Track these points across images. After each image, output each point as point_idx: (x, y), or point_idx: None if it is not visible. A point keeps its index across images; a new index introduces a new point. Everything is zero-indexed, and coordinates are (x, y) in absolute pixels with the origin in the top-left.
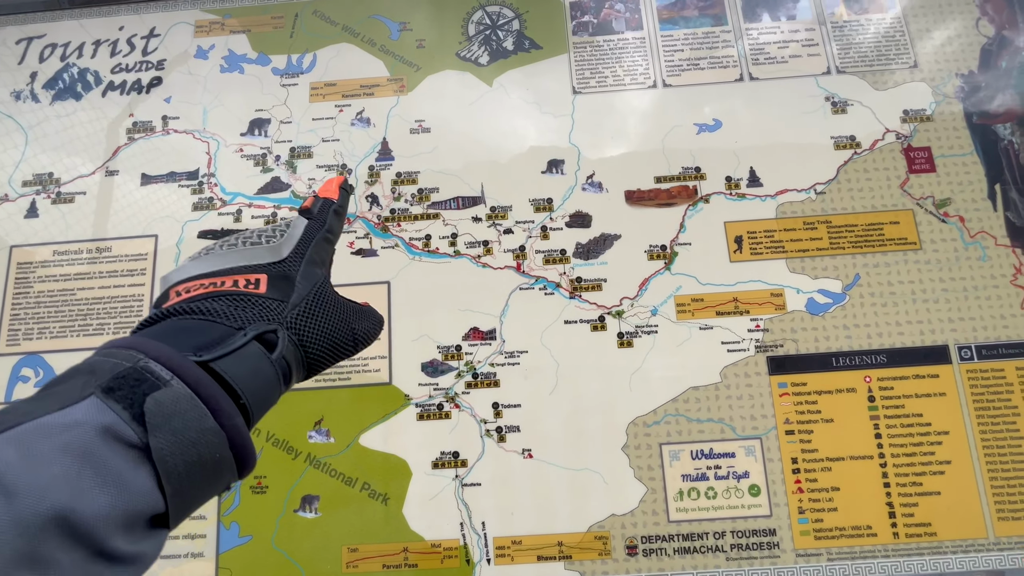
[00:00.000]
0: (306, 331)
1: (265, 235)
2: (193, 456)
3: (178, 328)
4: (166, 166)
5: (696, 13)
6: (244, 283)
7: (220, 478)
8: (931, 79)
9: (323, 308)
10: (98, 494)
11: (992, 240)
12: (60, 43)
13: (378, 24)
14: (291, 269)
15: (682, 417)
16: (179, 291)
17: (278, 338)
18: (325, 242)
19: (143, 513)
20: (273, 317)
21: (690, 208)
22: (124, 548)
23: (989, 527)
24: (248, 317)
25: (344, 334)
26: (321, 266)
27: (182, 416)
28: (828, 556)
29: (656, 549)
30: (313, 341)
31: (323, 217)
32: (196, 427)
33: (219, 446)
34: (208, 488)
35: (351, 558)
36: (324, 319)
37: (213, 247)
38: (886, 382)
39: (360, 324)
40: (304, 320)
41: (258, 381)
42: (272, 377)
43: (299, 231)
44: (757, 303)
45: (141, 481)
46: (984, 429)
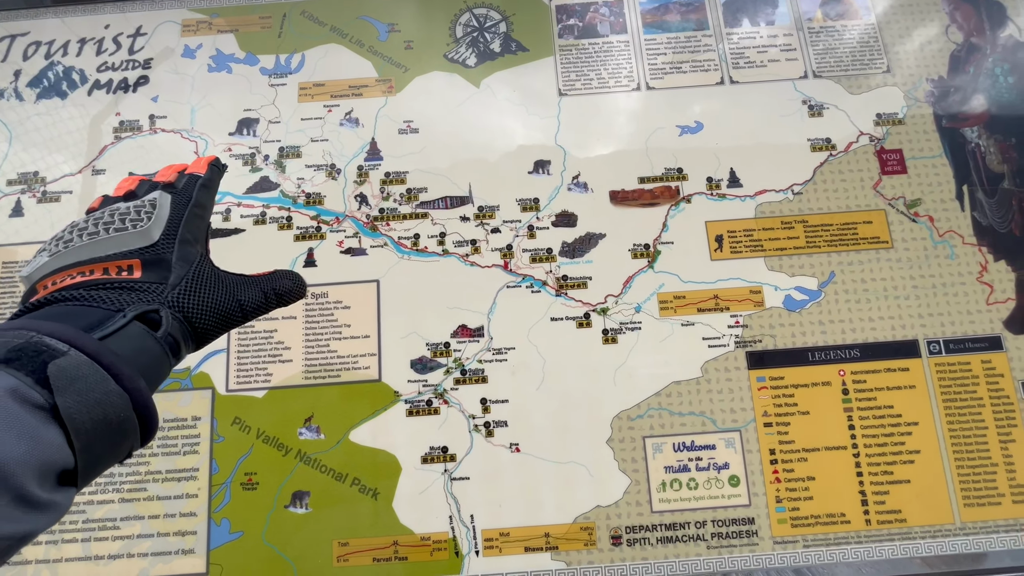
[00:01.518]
0: (190, 308)
1: (129, 219)
2: (99, 415)
3: (58, 313)
4: (153, 165)
5: (679, 18)
6: (116, 270)
7: (125, 439)
8: (903, 84)
9: (204, 285)
10: (16, 443)
11: (960, 239)
12: (44, 41)
13: (366, 25)
14: (165, 251)
15: (665, 411)
16: (46, 284)
17: (161, 317)
18: (196, 218)
19: (55, 465)
20: (153, 299)
21: (672, 208)
22: (41, 496)
23: (956, 513)
24: (126, 300)
25: (230, 306)
26: (195, 243)
27: (85, 379)
28: (804, 543)
29: (640, 539)
30: (199, 316)
31: (189, 192)
32: (100, 389)
33: (123, 407)
34: (114, 448)
35: (342, 552)
36: (207, 294)
37: (70, 238)
38: (859, 375)
39: (246, 294)
40: (186, 298)
41: (144, 358)
42: (159, 353)
43: (166, 211)
44: (737, 300)
45: (52, 436)
46: (951, 420)
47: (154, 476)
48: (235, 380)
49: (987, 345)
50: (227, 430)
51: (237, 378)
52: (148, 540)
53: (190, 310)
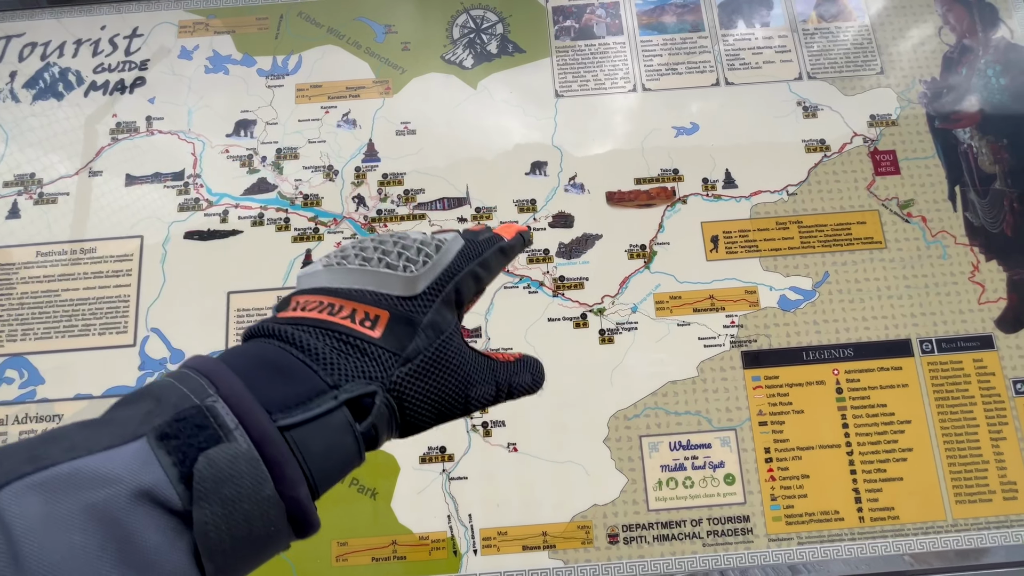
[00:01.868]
0: (411, 393)
1: (406, 256)
2: (244, 531)
3: (266, 361)
4: (151, 167)
5: (675, 19)
6: (361, 317)
7: (267, 552)
8: (896, 85)
9: (440, 369)
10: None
11: (952, 239)
12: (40, 42)
13: (363, 26)
14: (419, 312)
15: (661, 410)
16: (299, 302)
17: (373, 404)
18: (472, 278)
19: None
20: (377, 375)
21: (668, 209)
22: None
23: (948, 510)
24: (348, 372)
25: (456, 399)
26: (457, 308)
27: (236, 482)
28: (798, 540)
29: (636, 537)
30: (416, 405)
31: (482, 248)
32: (251, 497)
33: (276, 519)
34: (252, 564)
35: (340, 552)
36: (438, 382)
37: (348, 254)
38: (853, 375)
39: (478, 388)
40: (413, 381)
41: (334, 456)
42: (351, 451)
43: (448, 258)
44: (732, 300)
45: (176, 559)
46: (943, 418)
47: None
48: None
49: (979, 344)
50: None
51: None
52: None
53: (409, 396)
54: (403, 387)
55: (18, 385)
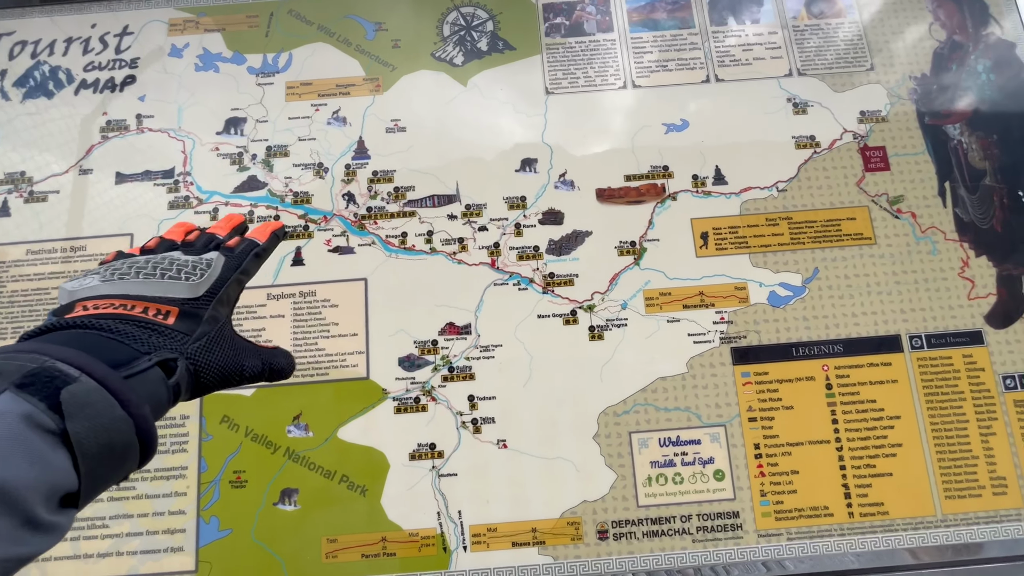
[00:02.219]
0: (202, 363)
1: (185, 271)
2: (105, 439)
3: (85, 341)
4: (141, 165)
5: (665, 16)
6: (155, 312)
7: (126, 462)
8: (886, 81)
9: (220, 345)
10: (28, 469)
11: (942, 235)
12: (31, 40)
13: (354, 24)
14: (201, 308)
15: (651, 406)
16: (86, 305)
17: (177, 366)
18: (236, 284)
19: (61, 488)
20: (176, 347)
21: (658, 205)
22: (46, 518)
23: (937, 505)
24: (155, 344)
25: (234, 368)
26: (227, 305)
27: (94, 405)
28: (788, 536)
29: (626, 533)
30: (206, 371)
31: (242, 259)
32: (108, 415)
33: (128, 432)
34: (115, 471)
35: (330, 548)
36: (220, 355)
37: (126, 271)
38: (842, 370)
39: (249, 361)
40: (202, 354)
41: (152, 401)
42: (164, 399)
43: (217, 272)
44: (722, 296)
45: (60, 460)
46: (933, 413)
47: (143, 475)
48: None
49: (968, 340)
50: (215, 428)
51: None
52: (137, 538)
53: (201, 365)
54: (196, 357)
55: None
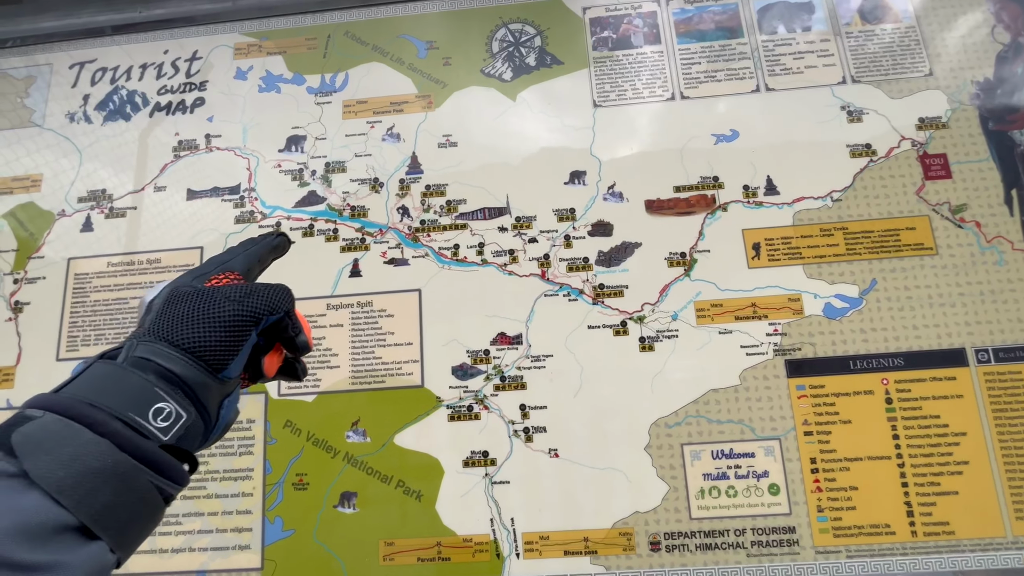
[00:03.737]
0: (162, 329)
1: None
2: (79, 467)
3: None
4: (210, 182)
5: (712, 26)
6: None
7: (130, 482)
8: (946, 87)
9: (175, 302)
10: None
11: (1009, 245)
12: (110, 67)
13: (406, 43)
14: (155, 299)
15: (703, 418)
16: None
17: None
18: (189, 271)
19: (43, 525)
20: (127, 340)
21: (708, 216)
22: (30, 557)
23: (1007, 526)
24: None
25: (211, 309)
26: (182, 280)
27: (53, 438)
28: (847, 553)
29: (679, 545)
30: (173, 332)
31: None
32: (72, 443)
33: (106, 453)
34: (121, 493)
35: (387, 551)
36: (177, 308)
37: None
38: (903, 384)
39: (238, 304)
40: (157, 322)
41: (107, 382)
42: (118, 374)
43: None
44: (775, 308)
45: (29, 500)
46: (1002, 430)
47: (212, 475)
48: (286, 385)
49: None
50: (279, 432)
51: (288, 383)
52: (207, 535)
53: (162, 330)
54: (153, 328)
55: None
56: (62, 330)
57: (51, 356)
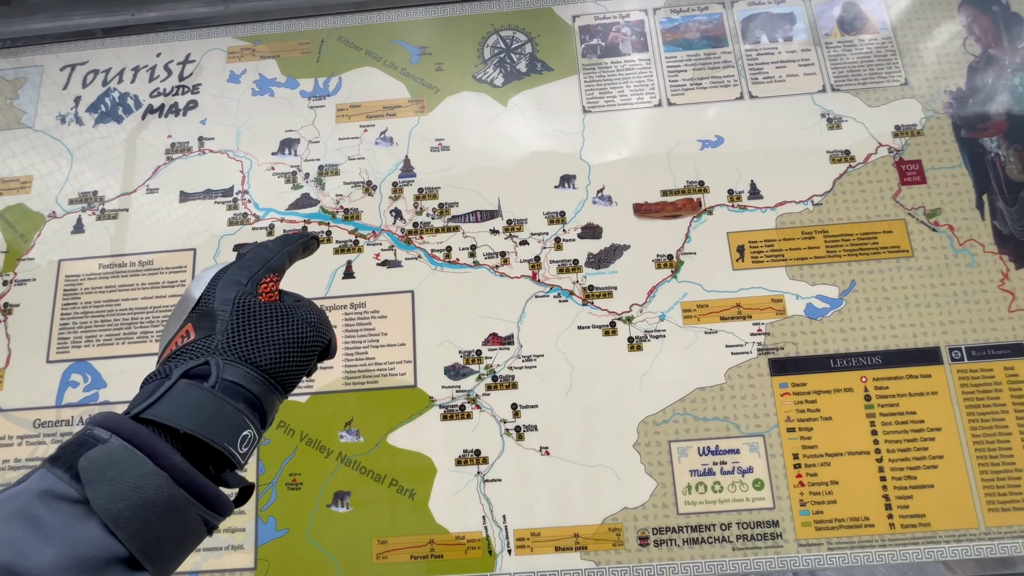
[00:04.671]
0: (243, 347)
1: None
2: (137, 500)
3: (135, 398)
4: (203, 184)
5: (698, 35)
6: (181, 339)
7: (181, 515)
8: (921, 96)
9: (251, 317)
10: (42, 548)
11: (980, 247)
12: (102, 69)
13: (399, 49)
14: (207, 303)
15: (689, 416)
16: (160, 356)
17: (210, 368)
18: (240, 268)
19: (97, 558)
20: (201, 352)
21: (695, 219)
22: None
23: (980, 518)
24: (175, 364)
25: (293, 333)
26: (236, 286)
27: (117, 467)
28: (828, 546)
29: (666, 540)
30: (256, 351)
31: (244, 251)
32: (134, 473)
33: (163, 487)
34: (176, 526)
35: (381, 549)
36: (256, 327)
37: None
38: (881, 382)
39: (315, 330)
40: (235, 338)
41: (202, 411)
42: (214, 402)
43: (210, 273)
44: (759, 308)
45: (88, 531)
46: (975, 425)
47: None
48: None
49: (1009, 352)
50: (272, 433)
51: None
52: None
53: (243, 349)
54: (232, 347)
55: (83, 388)
56: (52, 332)
57: (41, 358)
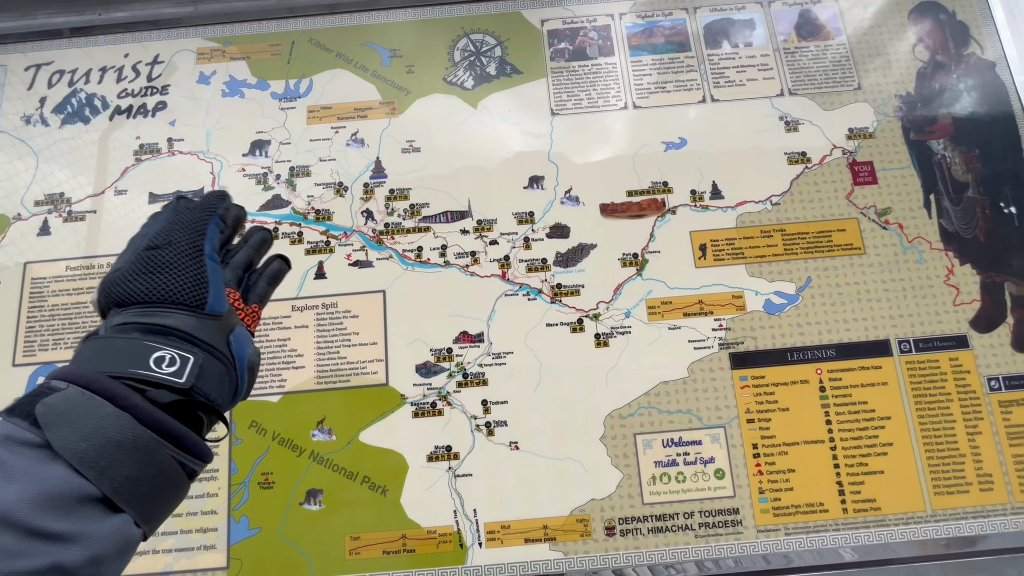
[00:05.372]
0: (127, 297)
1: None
2: (101, 439)
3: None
4: (172, 185)
5: (663, 40)
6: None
7: (152, 455)
8: (873, 100)
9: (121, 259)
10: (5, 485)
11: (927, 245)
12: (68, 69)
13: (370, 51)
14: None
15: (654, 409)
16: None
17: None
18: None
19: (67, 495)
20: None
21: (659, 219)
22: (54, 526)
23: (927, 501)
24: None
25: (159, 263)
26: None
27: (76, 410)
28: (786, 531)
29: (632, 529)
30: (140, 294)
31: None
32: (93, 415)
33: (127, 427)
34: (144, 466)
35: (353, 546)
36: (130, 280)
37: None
38: (835, 374)
39: (170, 245)
40: (119, 295)
41: (109, 352)
42: (101, 344)
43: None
44: (720, 304)
45: (53, 471)
46: (921, 414)
47: None
48: None
49: (954, 344)
50: (244, 433)
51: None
52: (172, 537)
53: (126, 299)
54: (107, 289)
55: None
56: (18, 336)
57: (7, 362)
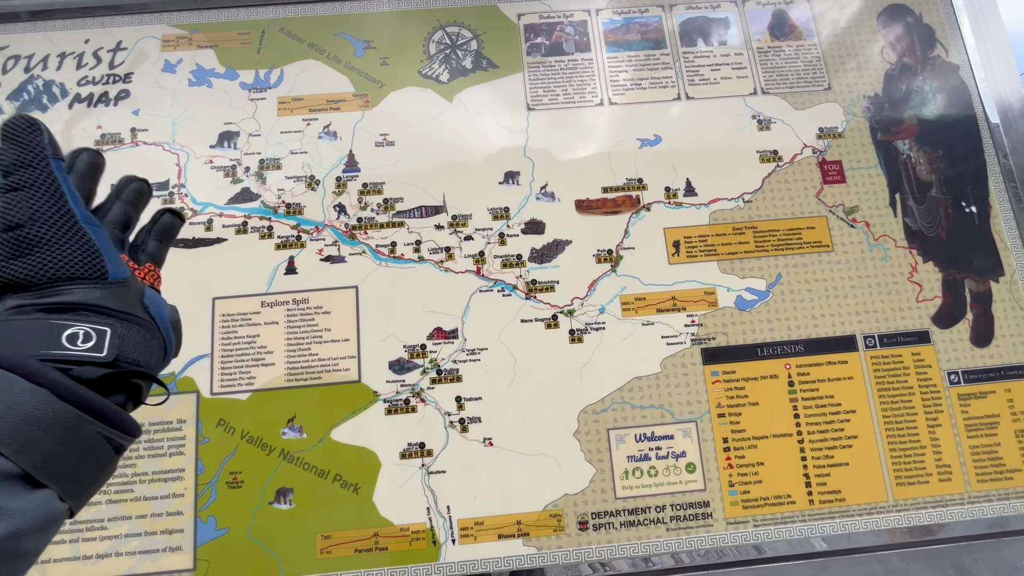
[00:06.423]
0: (13, 276)
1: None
2: (17, 416)
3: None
4: None
5: (639, 37)
6: None
7: (75, 431)
8: (842, 100)
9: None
10: None
11: (893, 242)
12: (24, 55)
13: (343, 42)
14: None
15: (627, 404)
16: None
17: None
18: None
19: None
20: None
21: (633, 216)
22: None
23: (889, 491)
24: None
25: (30, 241)
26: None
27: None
28: (754, 523)
29: (605, 524)
30: (25, 277)
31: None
32: (8, 392)
33: (45, 402)
34: (66, 442)
35: (325, 544)
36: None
37: None
38: (803, 368)
39: (33, 224)
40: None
41: (14, 336)
42: (20, 323)
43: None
44: (692, 301)
45: None
46: (885, 407)
47: (140, 477)
48: (219, 383)
49: (916, 339)
50: (212, 432)
51: (221, 381)
52: (136, 539)
53: (14, 282)
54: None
55: None
56: None
57: None
